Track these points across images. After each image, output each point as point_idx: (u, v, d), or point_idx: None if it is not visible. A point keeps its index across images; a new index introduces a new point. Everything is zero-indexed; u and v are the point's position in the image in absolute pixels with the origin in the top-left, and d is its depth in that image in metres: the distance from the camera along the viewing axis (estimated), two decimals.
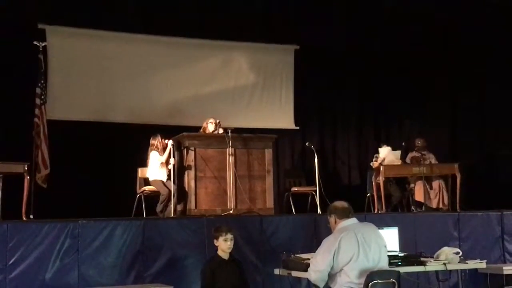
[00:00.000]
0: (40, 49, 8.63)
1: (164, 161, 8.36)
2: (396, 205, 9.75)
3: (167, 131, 8.71)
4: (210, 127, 8.61)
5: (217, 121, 8.62)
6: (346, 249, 4.85)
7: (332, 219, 5.13)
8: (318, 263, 4.95)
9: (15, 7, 9.08)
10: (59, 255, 6.25)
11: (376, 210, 9.25)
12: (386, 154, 9.50)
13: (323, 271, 4.91)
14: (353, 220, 5.07)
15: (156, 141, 8.47)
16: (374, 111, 11.69)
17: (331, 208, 5.17)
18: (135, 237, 6.57)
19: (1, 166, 7.35)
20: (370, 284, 4.74)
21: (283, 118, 10.88)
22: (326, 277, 4.93)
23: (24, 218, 7.27)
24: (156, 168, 8.38)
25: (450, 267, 6.08)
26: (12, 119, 8.82)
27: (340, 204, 5.15)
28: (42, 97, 8.50)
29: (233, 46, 10.70)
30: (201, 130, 8.66)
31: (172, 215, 7.90)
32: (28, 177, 7.42)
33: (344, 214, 5.07)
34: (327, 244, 4.96)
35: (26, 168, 7.40)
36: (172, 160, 8.18)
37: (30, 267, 6.13)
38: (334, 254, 4.85)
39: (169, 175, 8.26)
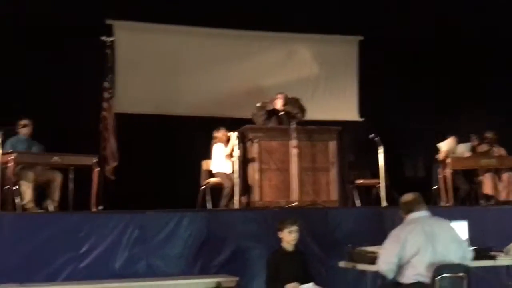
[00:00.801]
0: (108, 44, 8.83)
1: (228, 153, 8.42)
2: (464, 198, 9.54)
3: (230, 124, 8.76)
4: (279, 103, 8.61)
5: (285, 95, 8.60)
6: (413, 241, 4.80)
7: (401, 212, 5.12)
8: (387, 254, 4.91)
9: (83, 3, 9.31)
10: (128, 245, 6.38)
11: (443, 203, 9.08)
12: (451, 145, 9.29)
13: (392, 262, 4.86)
14: (422, 213, 5.02)
15: (220, 134, 8.55)
16: (441, 101, 11.43)
17: (399, 203, 5.16)
18: (200, 228, 6.65)
19: (71, 159, 7.57)
20: (438, 278, 4.67)
21: (347, 110, 10.81)
22: (395, 267, 4.87)
23: (94, 209, 7.47)
24: (220, 160, 8.45)
25: None
26: (81, 113, 9.06)
27: (406, 198, 5.11)
28: (110, 91, 8.70)
29: (296, 38, 10.69)
30: (270, 105, 8.61)
31: (236, 207, 7.95)
32: (97, 170, 7.62)
33: (410, 207, 5.03)
34: (395, 235, 4.93)
35: (95, 161, 7.59)
36: (236, 153, 8.22)
37: (100, 256, 6.29)
38: (401, 246, 4.81)
39: (233, 168, 8.32)
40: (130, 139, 9.07)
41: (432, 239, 4.81)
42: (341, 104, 10.80)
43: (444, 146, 9.36)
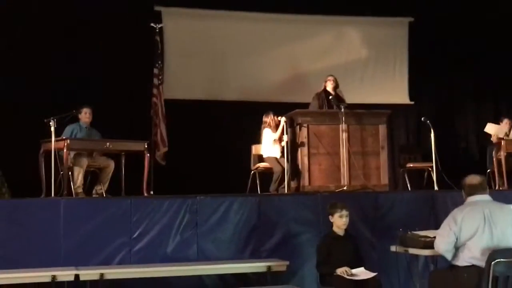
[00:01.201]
0: (157, 30, 8.94)
1: (277, 138, 8.42)
2: None
3: (279, 108, 8.74)
4: (329, 85, 8.56)
5: (335, 78, 8.55)
6: (471, 223, 4.74)
7: (463, 194, 5.05)
8: (445, 234, 4.85)
9: None
10: (179, 229, 6.46)
11: (497, 187, 8.89)
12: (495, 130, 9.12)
13: (450, 241, 4.80)
14: (483, 197, 4.94)
15: (268, 119, 8.55)
16: (493, 84, 11.17)
17: (462, 183, 5.07)
18: (250, 213, 6.67)
19: (123, 144, 7.68)
20: (493, 262, 4.58)
21: (397, 93, 10.66)
22: (451, 248, 4.81)
23: (145, 194, 7.58)
24: (269, 145, 8.46)
25: None
26: (132, 100, 9.19)
27: (469, 180, 5.02)
28: (160, 77, 8.81)
29: (344, 21, 10.58)
30: (321, 90, 8.61)
31: (286, 191, 7.96)
32: (148, 155, 7.72)
33: (472, 191, 4.96)
34: (453, 216, 4.87)
35: (146, 146, 7.69)
36: (285, 137, 8.20)
37: (152, 240, 6.39)
38: (459, 227, 4.76)
39: (282, 152, 8.31)
40: (180, 125, 9.16)
41: (490, 223, 4.74)
42: (391, 87, 10.65)
43: (492, 129, 9.17)
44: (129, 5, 9.36)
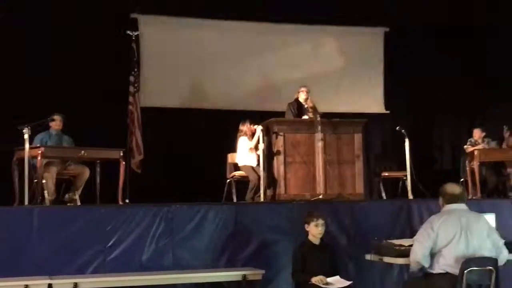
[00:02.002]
0: (133, 38, 8.91)
1: (253, 146, 8.43)
2: (491, 190, 9.43)
3: (255, 117, 8.76)
4: (302, 96, 8.61)
5: (308, 89, 8.60)
6: (447, 231, 4.78)
7: (440, 201, 5.07)
8: (422, 241, 4.87)
9: None
10: (154, 238, 6.41)
11: (470, 196, 8.99)
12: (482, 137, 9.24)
13: (427, 247, 4.83)
14: (460, 206, 4.99)
15: (245, 127, 8.55)
16: (468, 94, 11.30)
17: (441, 190, 5.09)
18: (226, 221, 6.66)
19: (98, 152, 7.63)
20: (466, 271, 4.63)
21: (373, 102, 10.74)
22: (427, 254, 4.83)
23: (120, 203, 7.53)
24: (245, 153, 8.47)
25: None
26: (108, 107, 9.12)
27: (450, 189, 5.05)
28: (136, 85, 8.78)
29: (321, 30, 10.64)
30: (294, 100, 8.66)
31: (262, 200, 7.96)
32: (123, 163, 7.68)
33: (451, 200, 4.99)
34: (430, 222, 4.91)
35: (121, 154, 7.65)
36: (261, 146, 8.22)
37: (127, 249, 6.33)
38: (435, 234, 4.79)
39: (258, 161, 8.32)
40: (156, 133, 9.13)
41: (467, 231, 4.79)
42: (366, 97, 10.73)
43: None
44: (105, 12, 9.31)
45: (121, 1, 9.50)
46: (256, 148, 8.37)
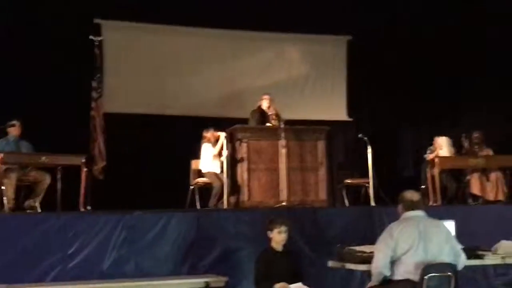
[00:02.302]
0: (96, 43, 8.81)
1: (216, 153, 8.43)
2: (451, 197, 9.58)
3: (219, 124, 8.77)
4: (264, 104, 8.64)
5: (270, 97, 8.63)
6: (406, 238, 4.82)
7: (399, 208, 5.11)
8: (382, 249, 4.91)
9: (71, 2, 9.26)
10: (116, 245, 6.37)
11: (431, 203, 9.12)
12: (444, 145, 9.34)
13: (387, 256, 4.86)
14: (419, 213, 5.03)
15: (208, 134, 8.55)
16: (429, 102, 11.47)
17: (400, 197, 5.13)
18: (189, 228, 6.64)
19: (59, 159, 7.55)
20: (426, 276, 4.69)
21: (336, 110, 10.83)
22: (387, 263, 4.87)
23: (82, 209, 7.45)
24: (208, 160, 8.46)
25: (508, 261, 5.96)
26: (70, 113, 9.02)
27: (409, 195, 5.09)
28: (99, 90, 8.68)
29: (285, 38, 10.70)
30: (257, 108, 8.69)
31: (225, 207, 7.95)
32: (85, 169, 7.59)
33: (410, 207, 5.03)
34: (389, 230, 4.94)
35: (83, 161, 7.57)
36: (224, 152, 8.23)
37: (88, 257, 6.27)
38: (395, 241, 4.82)
39: (221, 167, 8.31)
40: (120, 139, 9.05)
41: (425, 238, 4.83)
42: (330, 104, 10.82)
43: (439, 143, 9.40)
44: (68, 17, 9.21)
45: (84, 6, 9.40)
46: (220, 154, 8.38)
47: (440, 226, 5.03)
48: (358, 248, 5.65)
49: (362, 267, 5.44)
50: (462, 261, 5.03)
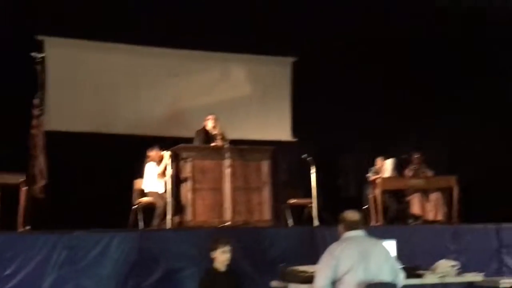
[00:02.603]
0: (38, 60, 8.65)
1: (160, 172, 8.37)
2: (393, 217, 9.75)
3: (165, 143, 8.71)
4: (209, 124, 8.64)
5: (215, 117, 8.65)
6: (347, 258, 4.86)
7: (340, 227, 5.15)
8: (323, 270, 4.93)
9: (13, 19, 9.10)
10: (55, 266, 6.22)
11: (373, 223, 9.26)
12: (387, 166, 9.52)
13: (328, 277, 4.88)
14: (359, 232, 5.08)
15: (153, 153, 8.50)
16: (372, 123, 11.70)
17: (341, 217, 5.18)
18: (131, 248, 6.55)
19: None
20: None
21: (280, 130, 10.91)
22: (330, 283, 4.90)
23: (21, 229, 7.25)
24: (152, 179, 8.39)
25: (447, 280, 6.10)
26: (10, 130, 8.81)
27: (350, 215, 5.14)
28: (40, 108, 8.51)
29: (231, 58, 10.75)
30: (201, 128, 8.68)
31: (168, 227, 7.89)
32: (24, 188, 7.41)
33: (351, 227, 5.08)
34: (330, 251, 4.98)
35: (22, 180, 7.39)
36: (168, 172, 8.17)
37: (27, 277, 6.10)
38: (336, 262, 4.86)
39: (165, 187, 8.26)
40: (62, 158, 8.87)
41: (365, 258, 4.88)
42: (274, 124, 10.90)
43: (386, 165, 9.56)
44: (9, 32, 9.04)
45: (26, 22, 9.25)
46: (164, 174, 8.32)
47: (380, 246, 5.10)
48: (300, 268, 5.69)
49: (304, 287, 5.47)
50: (401, 280, 5.11)
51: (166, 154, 8.23)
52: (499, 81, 10.91)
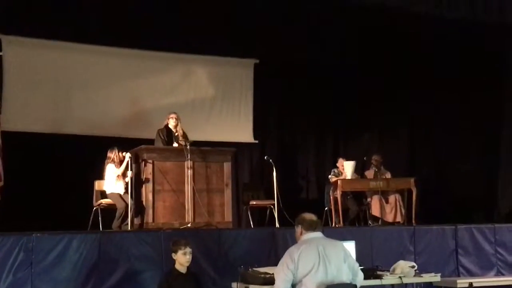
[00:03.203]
0: None
1: (120, 174, 8.29)
2: (353, 219, 9.84)
3: (126, 144, 8.64)
4: (171, 122, 8.58)
5: (177, 116, 8.60)
6: (306, 261, 4.88)
7: (298, 229, 5.16)
8: (283, 272, 4.94)
9: None
10: (12, 269, 6.11)
11: (333, 224, 9.33)
12: (347, 168, 9.59)
13: (288, 279, 4.90)
14: (318, 234, 5.10)
15: (113, 154, 8.41)
16: (333, 125, 11.81)
17: (299, 218, 5.19)
18: (90, 250, 6.48)
19: None
20: None
21: (242, 132, 10.90)
22: (290, 285, 4.92)
23: None
24: (112, 181, 8.30)
25: (405, 280, 6.17)
26: None
27: (309, 216, 5.17)
28: None
29: (193, 59, 10.70)
30: (163, 126, 8.63)
31: (129, 228, 7.82)
32: None
33: (310, 227, 5.10)
34: (289, 254, 4.98)
35: None
36: (129, 173, 8.11)
37: None
38: (295, 264, 4.87)
39: (126, 188, 8.19)
40: (19, 158, 8.73)
41: (325, 259, 4.91)
42: (236, 126, 10.88)
43: (346, 168, 9.62)
44: None
45: None
46: (124, 175, 8.25)
47: (339, 246, 5.14)
48: (261, 269, 5.69)
49: None
50: (360, 279, 5.17)
51: (127, 155, 8.16)
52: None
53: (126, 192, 8.15)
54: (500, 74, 10.95)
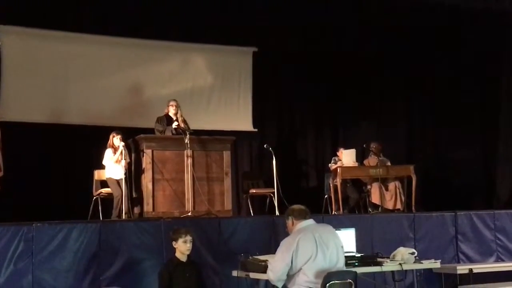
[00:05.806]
0: None
1: (115, 161, 8.24)
2: (353, 206, 9.86)
3: (125, 133, 8.62)
4: (172, 110, 8.57)
5: (177, 103, 8.58)
6: (304, 249, 4.89)
7: (289, 221, 5.18)
8: (277, 263, 4.98)
9: None
10: (13, 259, 6.14)
11: (333, 212, 9.35)
12: (347, 156, 9.59)
13: (281, 271, 4.94)
14: (310, 221, 5.12)
15: (110, 139, 8.38)
16: (332, 113, 11.79)
17: (289, 210, 5.24)
18: (91, 240, 6.49)
19: None
20: (327, 284, 4.79)
21: (241, 120, 10.88)
22: (284, 277, 4.97)
23: None
24: (110, 165, 8.28)
25: (405, 267, 6.18)
26: None
27: (297, 206, 5.22)
28: None
29: (191, 48, 10.66)
30: (164, 114, 8.62)
31: (129, 217, 7.82)
32: None
33: (301, 216, 5.12)
34: (286, 244, 4.99)
35: None
36: (123, 162, 8.07)
37: None
38: (292, 255, 4.89)
39: (125, 174, 8.14)
40: (18, 149, 8.71)
41: (322, 245, 4.93)
42: (235, 114, 10.86)
43: (345, 156, 9.62)
44: None
45: None
46: (119, 161, 8.19)
47: (333, 232, 5.17)
48: (262, 257, 5.70)
49: (266, 276, 5.49)
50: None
51: (120, 145, 8.10)
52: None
53: (124, 177, 8.11)
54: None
